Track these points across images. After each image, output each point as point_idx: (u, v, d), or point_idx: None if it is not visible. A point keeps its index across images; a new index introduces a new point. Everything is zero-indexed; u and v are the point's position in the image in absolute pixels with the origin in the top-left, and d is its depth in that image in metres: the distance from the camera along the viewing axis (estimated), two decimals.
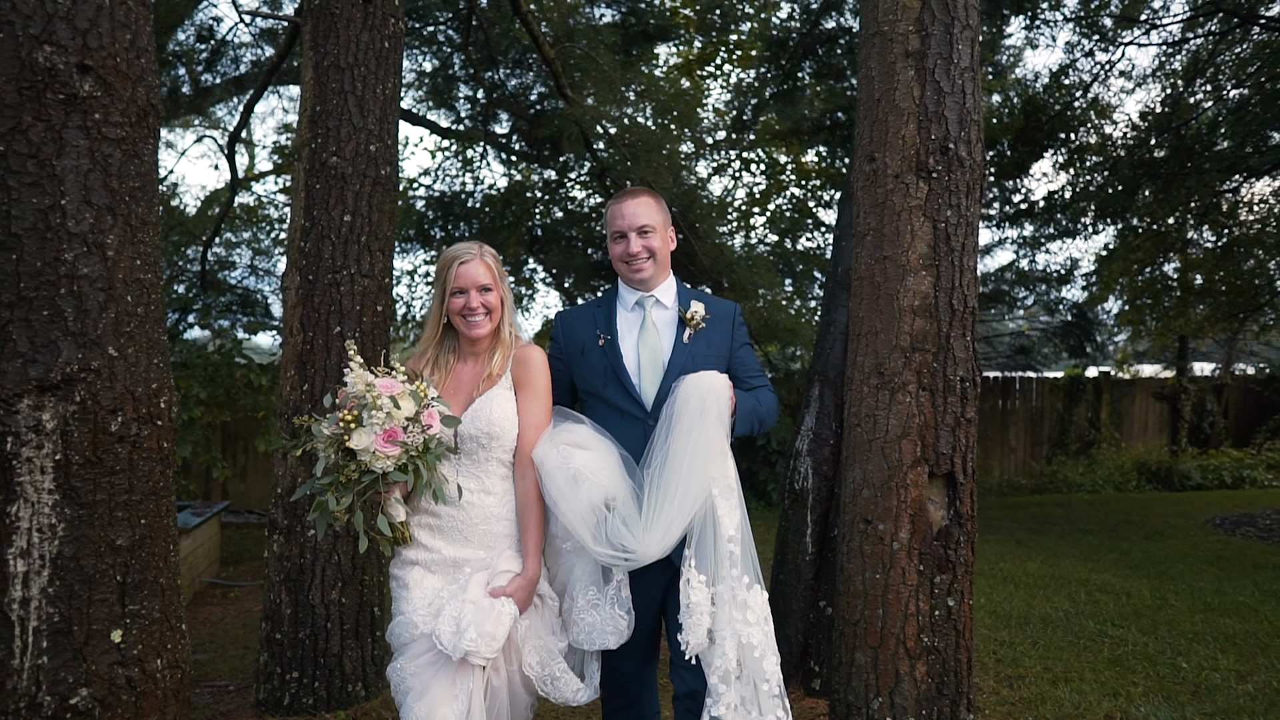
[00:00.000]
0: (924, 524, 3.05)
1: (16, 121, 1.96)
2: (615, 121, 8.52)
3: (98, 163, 2.04)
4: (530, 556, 2.72)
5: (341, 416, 2.43)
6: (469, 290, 2.73)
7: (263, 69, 9.73)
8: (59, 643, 2.00)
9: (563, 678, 2.73)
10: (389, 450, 2.44)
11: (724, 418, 2.64)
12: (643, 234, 2.85)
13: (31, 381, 1.97)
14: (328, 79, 4.51)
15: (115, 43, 2.07)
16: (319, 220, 4.43)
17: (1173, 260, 14.01)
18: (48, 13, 1.97)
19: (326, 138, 4.46)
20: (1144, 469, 14.90)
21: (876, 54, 3.17)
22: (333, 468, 2.45)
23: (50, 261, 1.99)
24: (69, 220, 2.00)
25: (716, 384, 2.63)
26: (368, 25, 4.57)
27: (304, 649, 4.34)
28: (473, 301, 2.73)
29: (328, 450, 2.46)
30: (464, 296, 2.73)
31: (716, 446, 2.61)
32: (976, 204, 3.14)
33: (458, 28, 9.64)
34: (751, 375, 2.92)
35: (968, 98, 3.12)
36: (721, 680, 2.51)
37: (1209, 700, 4.27)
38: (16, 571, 1.98)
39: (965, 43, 3.13)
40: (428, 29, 10.12)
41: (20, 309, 1.97)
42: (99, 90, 2.03)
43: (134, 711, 2.09)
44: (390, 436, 2.45)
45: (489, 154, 12.33)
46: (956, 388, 3.09)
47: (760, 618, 2.57)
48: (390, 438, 2.44)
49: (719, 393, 2.62)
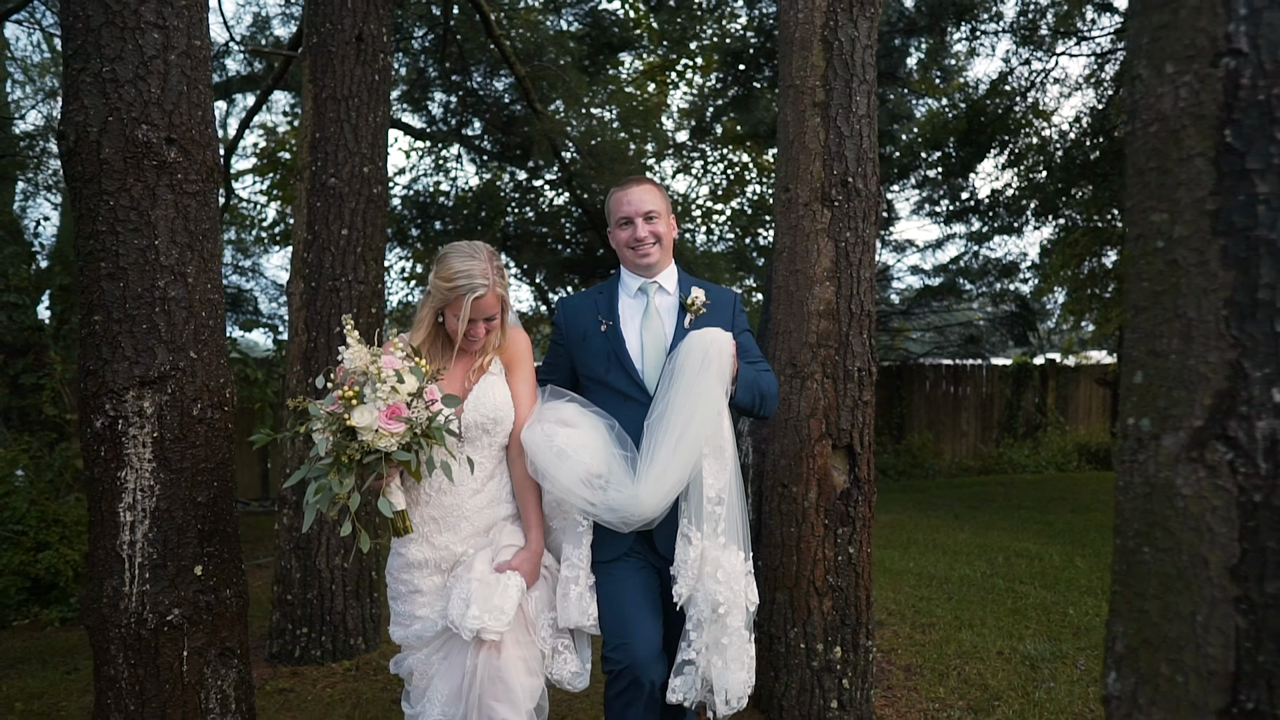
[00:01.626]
0: (829, 486, 3.77)
1: (123, 182, 2.61)
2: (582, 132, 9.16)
3: (180, 211, 2.69)
4: (532, 529, 2.73)
5: (342, 393, 2.33)
6: (478, 321, 2.67)
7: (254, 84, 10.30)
8: (157, 574, 2.66)
9: (564, 654, 2.73)
10: (393, 428, 2.34)
11: (724, 375, 2.65)
12: (649, 219, 2.87)
13: (135, 378, 2.62)
14: (325, 109, 5.14)
15: (190, 120, 2.72)
16: (320, 234, 5.07)
17: (1109, 254, 14.90)
18: (144, 100, 2.62)
19: (325, 161, 5.09)
20: (1085, 450, 15.82)
21: (790, 104, 3.87)
22: (334, 448, 2.35)
23: (148, 287, 2.64)
24: (161, 256, 2.65)
25: (720, 338, 2.65)
26: (360, 61, 5.19)
27: (311, 608, 4.99)
28: (479, 330, 2.69)
29: (327, 430, 2.36)
30: (472, 325, 2.66)
31: (714, 403, 2.62)
32: (872, 227, 3.86)
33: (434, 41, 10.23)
34: (753, 360, 2.91)
35: (864, 140, 3.83)
36: (694, 628, 2.64)
37: (1085, 638, 5.05)
38: (125, 521, 2.63)
39: (862, 95, 3.83)
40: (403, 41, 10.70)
41: (126, 324, 2.62)
42: (180, 156, 2.68)
43: (211, 627, 2.76)
44: (394, 413, 2.35)
45: (463, 156, 12.95)
46: (855, 376, 3.81)
47: (729, 577, 2.63)
48: (394, 414, 2.35)
49: (721, 346, 2.64)
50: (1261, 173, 1.49)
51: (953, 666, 4.66)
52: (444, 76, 10.94)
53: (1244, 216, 1.49)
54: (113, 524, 2.63)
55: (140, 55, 2.63)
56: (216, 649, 2.77)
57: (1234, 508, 1.48)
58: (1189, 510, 1.53)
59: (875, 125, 3.91)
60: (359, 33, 5.16)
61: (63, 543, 6.43)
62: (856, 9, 3.82)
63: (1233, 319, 1.49)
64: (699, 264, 9.83)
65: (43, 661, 5.24)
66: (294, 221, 5.27)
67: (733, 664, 2.65)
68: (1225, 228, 1.51)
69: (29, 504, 6.52)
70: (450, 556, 2.68)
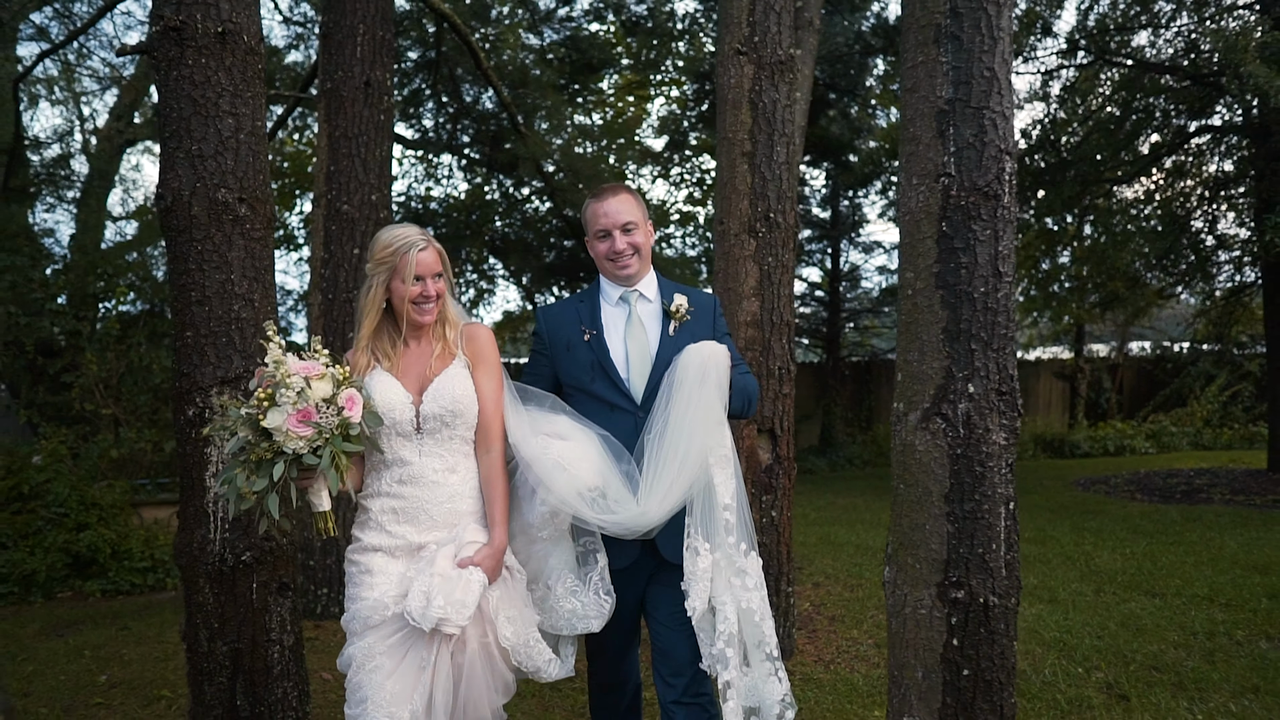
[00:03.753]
0: (756, 462, 4.68)
1: (207, 232, 3.49)
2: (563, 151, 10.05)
3: (249, 253, 3.58)
4: (496, 526, 2.71)
5: (257, 395, 2.43)
6: (425, 278, 2.69)
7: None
8: (235, 525, 3.55)
9: (536, 646, 2.71)
10: (301, 430, 2.41)
11: (722, 386, 2.67)
12: (626, 231, 2.87)
13: (217, 378, 3.50)
14: (339, 146, 6.01)
15: (255, 183, 3.61)
16: (335, 253, 5.94)
17: (1063, 255, 15.86)
18: (223, 170, 3.50)
19: (339, 191, 5.96)
20: (1040, 440, 16.80)
21: (724, 153, 4.77)
22: (246, 446, 2.46)
23: (226, 310, 3.52)
24: (235, 286, 3.54)
25: (716, 352, 2.67)
26: (368, 104, 6.06)
27: (330, 571, 5.88)
28: (429, 289, 2.70)
29: (243, 428, 2.45)
30: (420, 284, 2.68)
31: (714, 414, 2.64)
32: (790, 253, 4.76)
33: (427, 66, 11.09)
34: (735, 363, 2.88)
35: (783, 183, 4.72)
36: (727, 644, 2.57)
37: None
38: (209, 486, 3.53)
39: (782, 146, 4.73)
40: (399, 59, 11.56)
41: (210, 338, 3.50)
42: (249, 211, 3.57)
43: (272, 566, 3.64)
44: (304, 417, 2.42)
45: (453, 165, 13.82)
46: (776, 374, 4.71)
47: (756, 583, 2.63)
48: (304, 418, 2.41)
49: (719, 360, 2.65)
50: (964, 249, 2.40)
51: (869, 615, 5.59)
52: (435, 96, 11.82)
53: (953, 277, 2.41)
54: (201, 487, 3.52)
55: (219, 137, 3.52)
56: (276, 583, 3.67)
57: (946, 458, 2.40)
58: (921, 460, 2.44)
59: (794, 169, 4.82)
60: (366, 79, 6.03)
61: (100, 523, 7.28)
62: (777, 76, 4.72)
63: (946, 341, 2.41)
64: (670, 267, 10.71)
65: (94, 623, 6.11)
66: (312, 242, 6.14)
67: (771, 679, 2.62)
68: (943, 284, 2.42)
69: (69, 489, 7.36)
70: (406, 546, 2.68)
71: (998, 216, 2.41)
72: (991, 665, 2.40)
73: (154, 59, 3.56)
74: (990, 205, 2.40)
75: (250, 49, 3.63)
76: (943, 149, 2.42)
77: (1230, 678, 4.24)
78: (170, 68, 3.51)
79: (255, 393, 2.45)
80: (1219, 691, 4.07)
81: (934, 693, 2.41)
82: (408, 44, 11.00)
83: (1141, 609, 5.43)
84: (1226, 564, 6.50)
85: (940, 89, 2.42)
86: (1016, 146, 11.01)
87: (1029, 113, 19.01)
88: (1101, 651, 4.66)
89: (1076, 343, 18.77)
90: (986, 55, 2.41)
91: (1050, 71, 13.15)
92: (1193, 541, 7.39)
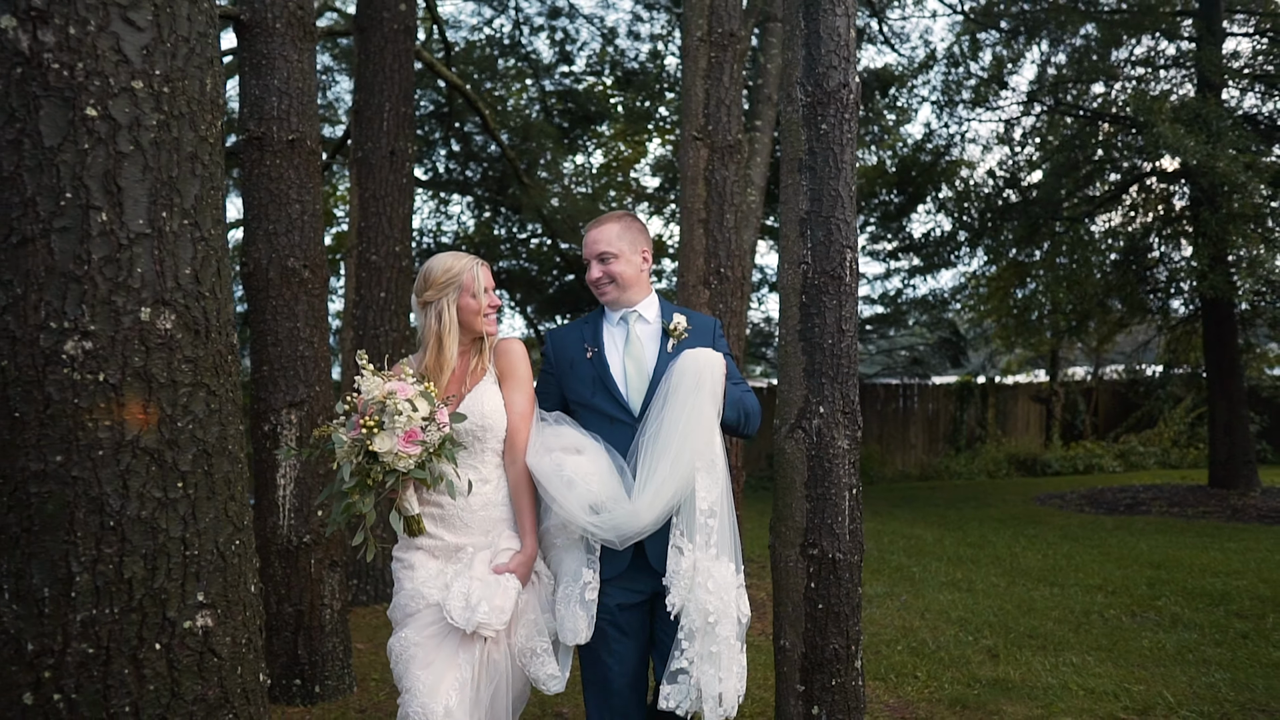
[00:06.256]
0: None
1: (280, 291, 4.62)
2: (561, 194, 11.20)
3: (310, 307, 4.70)
4: (527, 535, 2.87)
5: (364, 422, 2.56)
6: (489, 290, 2.91)
7: None
8: (298, 514, 4.65)
9: (542, 656, 2.82)
10: (410, 450, 2.57)
11: (716, 393, 2.78)
12: (602, 260, 3.02)
13: (286, 401, 4.62)
14: (368, 205, 7.14)
15: (315, 253, 4.74)
16: (365, 296, 7.06)
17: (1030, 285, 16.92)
18: (291, 244, 4.64)
19: (368, 244, 7.09)
20: (1015, 460, 17.80)
21: (685, 219, 5.88)
22: (358, 470, 2.59)
23: (293, 350, 4.64)
24: (300, 332, 4.66)
25: (712, 359, 2.79)
26: (392, 169, 7.20)
27: (359, 565, 6.95)
28: (495, 299, 2.93)
29: (349, 455, 2.58)
30: (488, 295, 2.90)
31: (707, 420, 2.75)
32: (740, 300, 5.85)
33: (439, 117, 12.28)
34: (735, 381, 3.00)
35: (733, 244, 5.82)
36: (686, 637, 2.75)
37: (916, 584, 7.02)
38: (279, 484, 4.63)
39: (730, 213, 5.83)
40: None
41: (282, 371, 4.62)
42: (311, 275, 4.70)
43: (325, 547, 4.74)
44: (410, 437, 2.57)
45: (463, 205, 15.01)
46: None
47: (719, 587, 2.75)
48: (410, 438, 2.57)
49: (714, 367, 2.77)
50: (817, 314, 3.49)
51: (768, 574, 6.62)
52: (445, 142, 13.02)
53: (810, 334, 3.49)
54: (273, 485, 4.62)
55: (289, 219, 4.65)
56: (329, 560, 4.76)
57: (805, 458, 3.47)
58: (790, 459, 3.52)
59: (741, 232, 5.93)
60: (392, 149, 7.17)
61: None
62: (727, 157, 5.84)
63: (805, 377, 3.49)
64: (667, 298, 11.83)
65: None
66: (345, 286, 7.27)
67: (724, 672, 2.74)
68: (804, 338, 3.51)
69: None
70: (445, 546, 2.85)
71: (841, 292, 3.50)
72: (839, 601, 3.47)
73: (241, 160, 4.71)
74: (835, 284, 3.49)
75: (312, 151, 4.77)
76: (803, 245, 3.51)
77: (1086, 641, 5.28)
78: (253, 167, 4.66)
79: (358, 420, 2.59)
80: (1073, 650, 5.11)
81: (799, 620, 3.48)
82: (421, 92, 12.19)
83: (1039, 595, 6.47)
84: (1129, 561, 7.54)
85: (801, 203, 3.52)
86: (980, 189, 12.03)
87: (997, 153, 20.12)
88: (993, 625, 5.70)
89: (1052, 367, 19.80)
90: (833, 180, 3.50)
91: (1010, 120, 14.32)
92: (1111, 545, 8.42)
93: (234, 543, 2.12)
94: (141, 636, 1.86)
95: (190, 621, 1.95)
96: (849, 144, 3.57)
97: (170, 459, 1.93)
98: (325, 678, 4.70)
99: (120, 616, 1.84)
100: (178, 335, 1.93)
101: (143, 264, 1.87)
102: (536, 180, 10.87)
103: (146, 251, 1.87)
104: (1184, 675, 4.61)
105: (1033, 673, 4.73)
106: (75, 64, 1.80)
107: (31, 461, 1.79)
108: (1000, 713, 4.20)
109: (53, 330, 1.79)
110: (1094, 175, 13.64)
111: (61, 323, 1.79)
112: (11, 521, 1.80)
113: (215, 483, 2.06)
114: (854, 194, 3.59)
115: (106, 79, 1.83)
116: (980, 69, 13.96)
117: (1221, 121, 9.82)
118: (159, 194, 1.89)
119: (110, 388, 1.83)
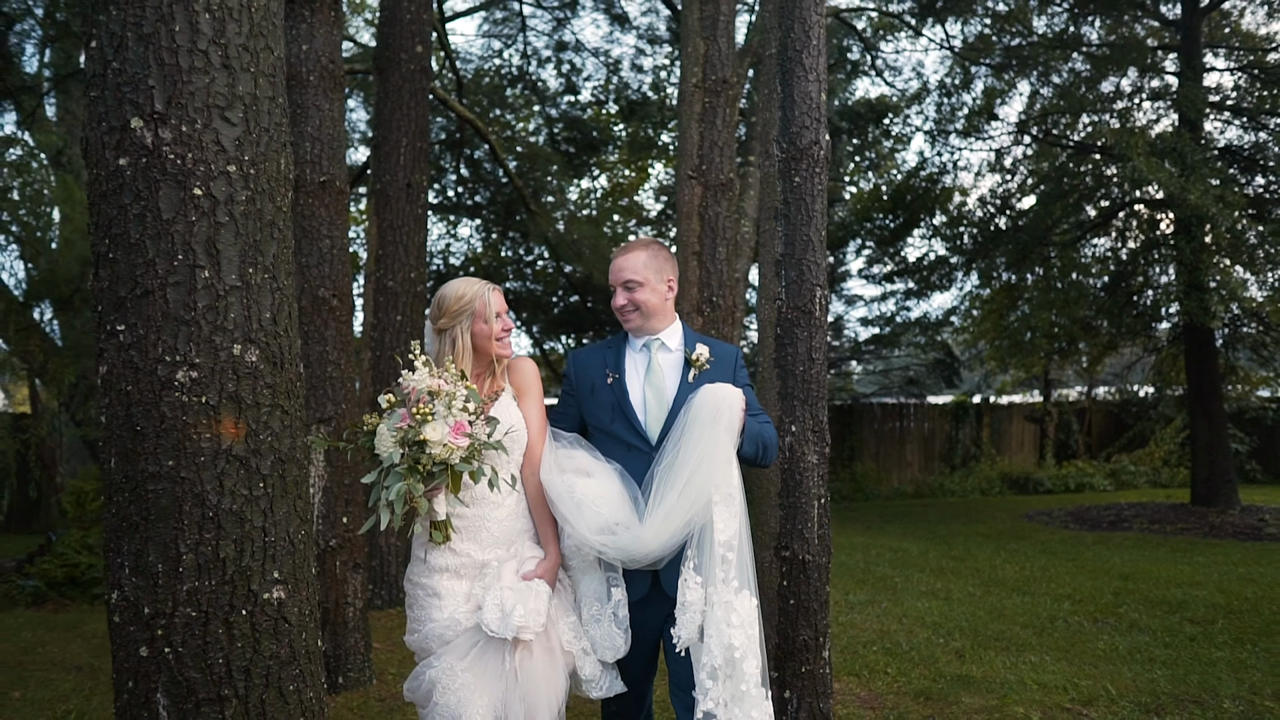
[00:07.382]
0: None
1: (310, 318, 5.12)
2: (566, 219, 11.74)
3: (338, 332, 5.21)
4: (550, 543, 2.91)
5: (415, 410, 2.60)
6: (502, 314, 2.95)
7: None
8: (326, 519, 5.13)
9: (590, 656, 2.88)
10: (460, 442, 2.60)
11: (734, 428, 2.79)
12: (627, 288, 3.01)
13: (315, 418, 5.12)
14: (385, 235, 7.66)
15: (343, 284, 5.25)
16: (382, 319, 7.57)
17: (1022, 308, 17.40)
18: (322, 276, 5.15)
19: (385, 271, 7.60)
20: (1008, 478, 18.22)
21: (680, 251, 6.38)
22: (408, 457, 2.62)
23: (322, 371, 5.14)
24: (329, 355, 5.16)
25: (730, 395, 2.79)
26: (408, 201, 7.72)
27: (374, 571, 7.42)
28: (507, 323, 2.96)
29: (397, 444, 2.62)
30: (500, 320, 2.93)
31: (723, 454, 2.76)
32: (732, 327, 6.35)
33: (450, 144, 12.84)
34: (754, 412, 2.97)
35: (724, 274, 6.32)
36: (709, 676, 2.68)
37: (894, 593, 7.46)
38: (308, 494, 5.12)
39: (723, 246, 6.33)
40: None
41: (313, 391, 5.11)
42: (339, 303, 5.21)
43: (349, 550, 5.22)
44: (459, 429, 2.60)
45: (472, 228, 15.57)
46: None
47: (744, 621, 2.70)
48: (459, 430, 2.60)
49: (732, 403, 2.77)
50: (790, 345, 3.97)
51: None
52: (456, 168, 13.59)
53: (784, 361, 3.98)
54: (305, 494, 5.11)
55: (319, 253, 5.16)
56: (352, 563, 5.24)
57: (779, 470, 3.95)
58: (765, 471, 3.99)
59: (732, 263, 6.42)
60: (408, 182, 7.70)
61: None
62: (720, 194, 6.35)
63: (779, 399, 3.97)
64: None
65: None
66: (364, 311, 7.78)
67: (754, 712, 2.68)
68: (779, 365, 3.99)
69: None
70: (471, 564, 2.84)
71: (811, 325, 3.99)
72: (808, 598, 3.94)
73: None
74: (807, 318, 3.98)
75: (340, 190, 5.29)
76: (778, 283, 4.00)
77: (1047, 643, 5.73)
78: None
79: (410, 409, 2.63)
80: (1034, 651, 5.56)
81: (773, 614, 3.95)
82: (432, 120, 12.77)
83: (1010, 603, 6.92)
84: (1100, 574, 7.98)
85: (777, 247, 4.02)
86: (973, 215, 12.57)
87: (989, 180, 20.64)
88: (963, 629, 6.15)
89: (1045, 388, 20.25)
90: (805, 227, 4.00)
91: (1001, 149, 14.86)
92: (1086, 559, 8.87)
93: (300, 533, 2.60)
94: (232, 604, 2.35)
95: (268, 594, 2.44)
96: (819, 195, 4.07)
97: (254, 464, 2.42)
98: (348, 669, 5.17)
99: (216, 588, 2.33)
100: (260, 366, 2.43)
101: (235, 310, 2.37)
102: (542, 206, 11.40)
103: (238, 300, 2.37)
104: (1129, 672, 5.06)
105: (994, 670, 5.18)
106: (186, 154, 2.30)
107: (149, 465, 2.28)
108: (959, 703, 4.65)
109: (167, 363, 2.29)
110: (1083, 202, 14.13)
111: (174, 357, 2.29)
112: (133, 512, 2.30)
113: (287, 484, 2.56)
114: (824, 239, 4.09)
115: (209, 165, 2.33)
116: (972, 100, 14.53)
117: (1195, 155, 10.32)
118: (247, 254, 2.39)
119: (210, 408, 2.33)
